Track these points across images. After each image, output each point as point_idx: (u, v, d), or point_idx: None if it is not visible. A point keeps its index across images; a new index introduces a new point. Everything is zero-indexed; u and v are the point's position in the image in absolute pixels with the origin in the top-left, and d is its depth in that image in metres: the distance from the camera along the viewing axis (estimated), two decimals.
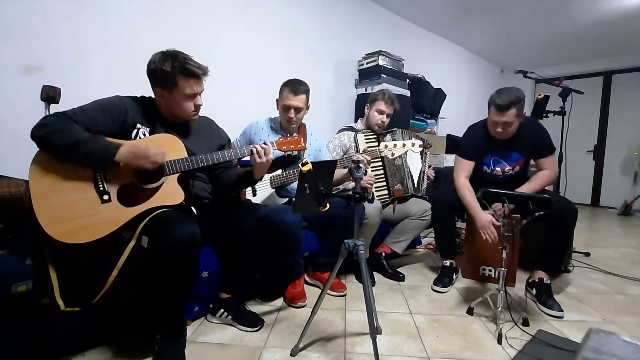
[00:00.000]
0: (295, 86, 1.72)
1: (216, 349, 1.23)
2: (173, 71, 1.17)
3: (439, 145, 3.37)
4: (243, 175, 1.41)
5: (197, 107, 1.28)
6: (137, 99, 1.28)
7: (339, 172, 1.76)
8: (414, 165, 2.11)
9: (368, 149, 1.97)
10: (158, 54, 1.20)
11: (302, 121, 1.92)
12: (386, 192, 2.05)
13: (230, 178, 1.43)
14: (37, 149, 1.07)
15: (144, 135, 1.24)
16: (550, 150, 1.81)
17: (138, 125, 1.23)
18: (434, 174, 2.19)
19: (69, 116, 1.09)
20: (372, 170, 2.01)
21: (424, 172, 2.13)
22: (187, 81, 1.20)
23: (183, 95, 1.21)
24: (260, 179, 1.41)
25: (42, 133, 1.04)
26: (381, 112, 2.06)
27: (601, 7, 3.45)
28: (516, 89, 1.66)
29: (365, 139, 2.04)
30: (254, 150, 1.30)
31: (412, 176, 2.08)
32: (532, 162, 1.89)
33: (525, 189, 1.72)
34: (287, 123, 1.77)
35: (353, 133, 2.07)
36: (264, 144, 1.33)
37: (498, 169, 1.86)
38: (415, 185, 2.08)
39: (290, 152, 1.39)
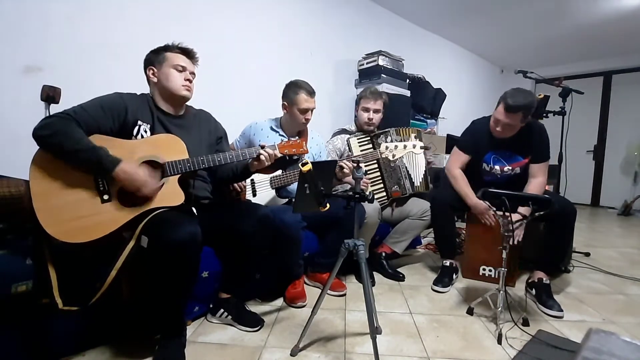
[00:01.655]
0: (309, 88, 1.76)
1: (216, 349, 1.23)
2: (162, 48, 1.30)
3: (439, 145, 3.37)
4: (238, 170, 1.43)
5: (188, 81, 1.31)
6: (136, 95, 1.29)
7: None
8: (419, 164, 2.08)
9: (363, 152, 1.96)
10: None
11: None
12: (384, 194, 2.04)
13: (229, 172, 1.45)
14: (37, 148, 1.07)
15: (145, 132, 1.24)
16: (546, 158, 1.80)
17: (139, 122, 1.23)
18: (430, 157, 2.16)
19: (72, 117, 1.08)
20: (368, 173, 2.01)
21: (427, 168, 2.09)
22: (175, 54, 1.30)
23: (171, 65, 1.28)
24: (254, 172, 1.44)
25: (44, 134, 1.04)
26: (366, 110, 2.02)
27: (601, 7, 3.46)
28: (531, 93, 1.63)
29: (359, 143, 2.00)
30: (262, 157, 1.32)
31: (409, 176, 2.06)
32: None
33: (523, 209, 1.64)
34: (303, 125, 1.81)
35: (347, 136, 2.04)
36: (263, 147, 1.33)
37: (497, 167, 1.86)
38: (417, 184, 2.06)
39: (292, 156, 1.40)
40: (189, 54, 1.34)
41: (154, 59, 1.30)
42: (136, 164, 1.15)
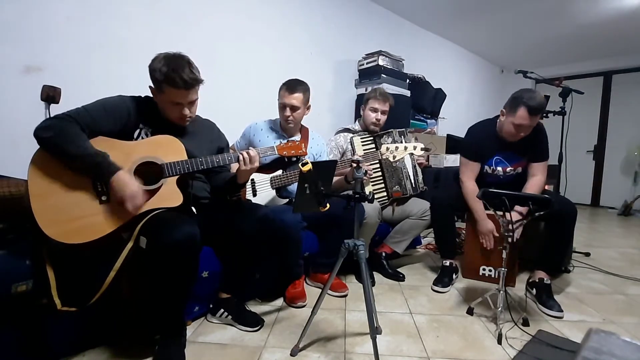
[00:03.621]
0: (291, 84, 1.73)
1: (216, 349, 1.23)
2: (161, 77, 1.16)
3: (439, 145, 3.37)
4: (230, 179, 1.40)
5: (183, 116, 1.25)
6: (140, 99, 1.28)
7: (334, 178, 1.75)
8: (407, 164, 2.07)
9: (365, 152, 1.96)
10: (162, 54, 1.19)
11: (305, 125, 1.93)
12: (385, 193, 2.04)
13: (220, 181, 1.43)
14: (37, 148, 1.07)
15: (146, 135, 1.24)
16: (545, 157, 1.81)
17: (140, 126, 1.23)
18: (426, 159, 2.13)
19: (74, 119, 1.08)
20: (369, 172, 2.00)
21: (414, 166, 2.08)
22: (171, 90, 1.18)
23: (168, 100, 1.21)
24: (244, 184, 1.40)
25: (45, 136, 1.04)
26: (375, 110, 2.04)
27: (601, 7, 3.45)
28: (539, 91, 1.64)
29: (362, 142, 2.02)
30: (240, 157, 1.29)
31: (410, 177, 2.06)
32: None
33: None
34: (285, 122, 1.78)
35: (350, 135, 2.06)
36: (248, 151, 1.30)
37: (499, 169, 1.86)
38: (413, 185, 2.07)
39: (291, 157, 1.39)
40: (187, 88, 1.19)
41: (154, 81, 1.20)
42: (132, 176, 1.14)
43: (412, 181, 2.05)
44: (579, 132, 4.23)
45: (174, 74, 1.15)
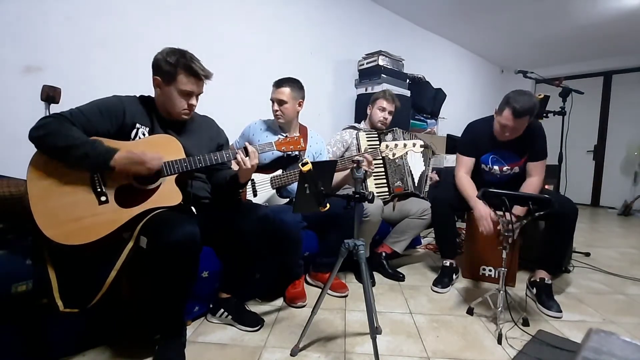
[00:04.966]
0: (279, 80, 1.76)
1: (216, 349, 1.23)
2: (176, 65, 1.18)
3: (439, 145, 3.37)
4: (231, 178, 1.39)
5: (190, 107, 1.26)
6: (136, 98, 1.28)
7: (339, 175, 1.75)
8: (416, 167, 2.14)
9: (369, 148, 1.99)
10: (169, 48, 1.22)
11: (304, 125, 1.93)
12: (386, 189, 2.06)
13: (221, 179, 1.42)
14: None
15: (144, 134, 1.23)
16: (543, 156, 1.80)
17: (137, 125, 1.23)
18: (437, 178, 2.20)
19: (67, 117, 1.08)
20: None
21: (426, 175, 2.14)
22: (186, 78, 1.20)
23: (179, 90, 1.21)
24: (246, 183, 1.40)
25: (38, 135, 1.04)
26: (383, 109, 2.09)
27: (601, 7, 3.46)
28: (531, 93, 1.64)
29: (367, 137, 2.05)
30: (237, 157, 1.28)
31: (412, 174, 2.09)
32: None
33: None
34: (275, 118, 1.80)
35: (355, 131, 2.09)
36: (245, 149, 1.29)
37: (496, 167, 1.86)
38: (416, 185, 2.09)
39: (290, 153, 1.38)
40: (200, 78, 1.22)
41: (163, 71, 1.20)
42: None
43: (415, 181, 2.07)
44: (579, 132, 4.24)
45: (191, 63, 1.19)
